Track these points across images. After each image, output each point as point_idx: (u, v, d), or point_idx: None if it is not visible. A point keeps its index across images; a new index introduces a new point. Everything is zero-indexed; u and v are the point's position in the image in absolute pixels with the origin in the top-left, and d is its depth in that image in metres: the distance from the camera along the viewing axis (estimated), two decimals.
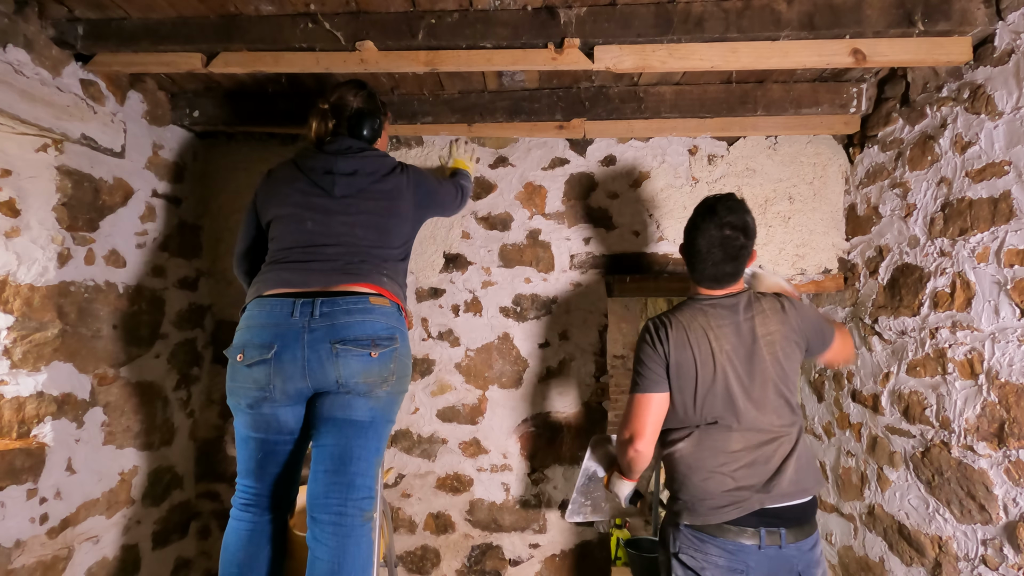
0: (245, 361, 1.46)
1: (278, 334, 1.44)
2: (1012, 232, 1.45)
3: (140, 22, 1.68)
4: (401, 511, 2.31)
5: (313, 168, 1.63)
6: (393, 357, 1.50)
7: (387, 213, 1.64)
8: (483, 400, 2.30)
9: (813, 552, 1.44)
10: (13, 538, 1.59)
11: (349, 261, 1.55)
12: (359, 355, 1.45)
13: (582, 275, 2.29)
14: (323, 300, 1.46)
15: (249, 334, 1.47)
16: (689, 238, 1.53)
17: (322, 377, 1.45)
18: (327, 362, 1.43)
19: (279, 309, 1.46)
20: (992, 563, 1.48)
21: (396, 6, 1.62)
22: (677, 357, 1.45)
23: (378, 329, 1.49)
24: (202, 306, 2.36)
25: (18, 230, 1.67)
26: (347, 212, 1.59)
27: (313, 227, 1.58)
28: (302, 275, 1.52)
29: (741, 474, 1.42)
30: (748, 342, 1.45)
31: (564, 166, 2.30)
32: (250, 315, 1.51)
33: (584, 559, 2.27)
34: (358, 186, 1.62)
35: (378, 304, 1.51)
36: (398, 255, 1.67)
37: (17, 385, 1.67)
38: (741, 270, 1.51)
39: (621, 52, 1.68)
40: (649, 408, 1.47)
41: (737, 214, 1.46)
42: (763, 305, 1.49)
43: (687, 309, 1.51)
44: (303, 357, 1.43)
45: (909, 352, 1.79)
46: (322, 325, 1.44)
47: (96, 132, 1.81)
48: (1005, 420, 1.45)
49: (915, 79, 1.82)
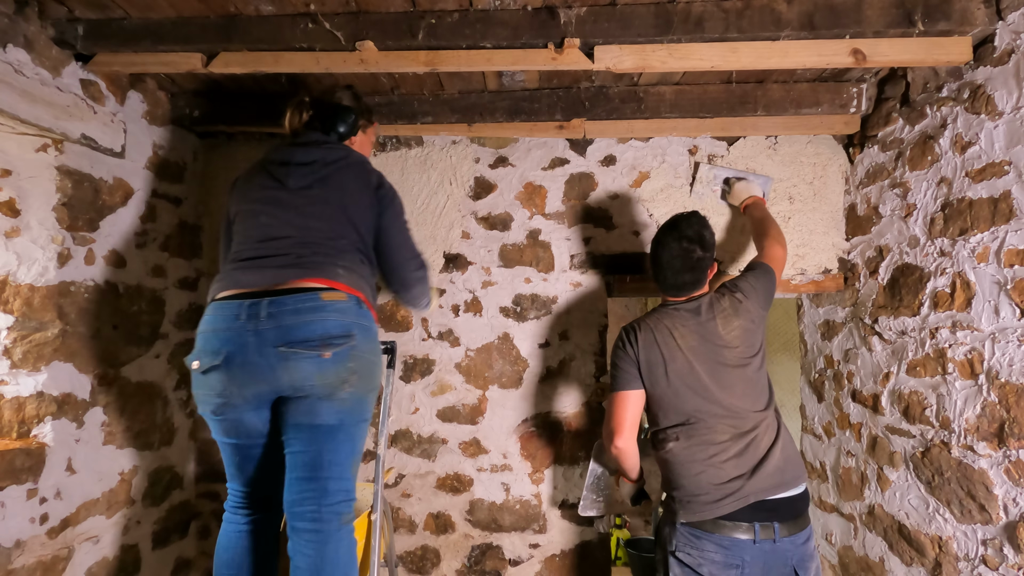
0: (200, 368, 1.41)
1: (227, 339, 1.38)
2: (1012, 232, 1.45)
3: (140, 22, 1.68)
4: (401, 511, 2.31)
5: (272, 160, 1.59)
6: (350, 356, 1.42)
7: (346, 203, 1.55)
8: (483, 400, 2.30)
9: (807, 546, 1.50)
10: (13, 538, 1.59)
11: (301, 254, 1.47)
12: (310, 357, 1.36)
13: (582, 275, 2.29)
14: (270, 300, 1.38)
15: (203, 340, 1.43)
16: (654, 252, 1.67)
17: (276, 382, 1.39)
18: (278, 367, 1.37)
19: (228, 312, 1.40)
20: (992, 563, 1.47)
21: (396, 6, 1.62)
22: (647, 356, 1.58)
23: (330, 328, 1.39)
24: (202, 306, 2.33)
25: (18, 230, 1.67)
26: (301, 202, 1.53)
27: (266, 220, 1.53)
28: (253, 274, 1.46)
29: (731, 465, 1.49)
30: (712, 339, 1.57)
31: (564, 166, 2.30)
32: (204, 320, 1.46)
33: (584, 559, 2.27)
34: (316, 175, 1.55)
35: (331, 300, 1.41)
36: (358, 245, 1.57)
37: (17, 385, 1.66)
38: (701, 279, 1.64)
39: (621, 52, 1.68)
40: (625, 405, 1.58)
41: (695, 228, 1.61)
42: (724, 304, 1.62)
43: (655, 314, 1.65)
44: (253, 362, 1.37)
45: (909, 352, 1.79)
46: (269, 327, 1.37)
47: (96, 132, 1.81)
48: (1005, 420, 1.45)
49: (915, 79, 1.82)
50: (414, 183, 2.32)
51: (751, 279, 1.70)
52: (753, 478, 1.46)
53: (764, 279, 1.71)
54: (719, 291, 1.67)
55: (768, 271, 1.73)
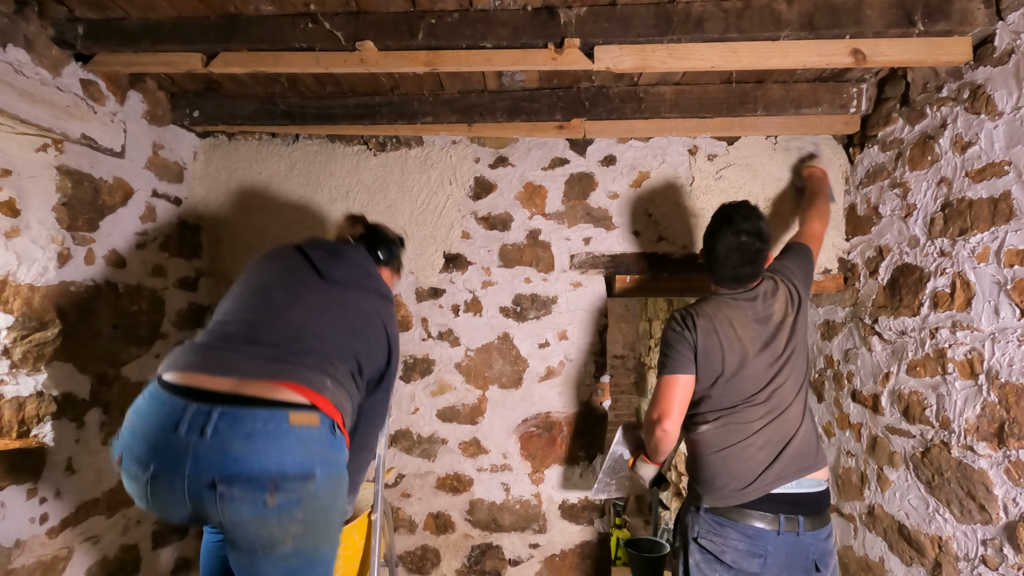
0: (123, 469, 1.16)
1: (157, 450, 1.11)
2: (1012, 232, 1.45)
3: (140, 22, 1.68)
4: (401, 511, 2.31)
5: (316, 248, 1.46)
6: (301, 505, 1.13)
7: (367, 319, 1.41)
8: (483, 400, 2.30)
9: (828, 542, 1.51)
10: (13, 538, 1.59)
11: (293, 350, 1.24)
12: (249, 501, 1.08)
13: (582, 275, 2.29)
14: (222, 413, 1.11)
15: (130, 435, 1.16)
16: (708, 244, 1.64)
17: (206, 518, 1.13)
18: (208, 502, 1.09)
19: (166, 413, 1.12)
20: (992, 563, 1.47)
21: (396, 6, 1.62)
22: (704, 343, 1.54)
23: (286, 464, 1.11)
24: (202, 306, 2.36)
25: (18, 230, 1.67)
26: (329, 297, 1.36)
27: (278, 298, 1.33)
28: (223, 356, 1.21)
29: (760, 449, 1.50)
30: (769, 329, 1.56)
31: (564, 166, 2.30)
32: (140, 401, 1.19)
33: (584, 559, 2.27)
34: (359, 282, 1.42)
35: (299, 425, 1.14)
36: (355, 369, 1.36)
37: (17, 385, 1.67)
38: (759, 271, 1.60)
39: (621, 52, 1.68)
40: (677, 388, 1.54)
41: (752, 221, 1.57)
42: (778, 293, 1.61)
43: (712, 301, 1.61)
44: (182, 488, 1.09)
45: (909, 352, 1.79)
46: (210, 449, 1.08)
47: (96, 132, 1.81)
48: (1005, 420, 1.45)
49: (915, 79, 1.82)
50: (414, 183, 2.32)
51: (788, 261, 1.71)
52: (777, 462, 1.47)
53: (801, 259, 1.73)
54: (772, 280, 1.65)
55: (804, 250, 1.76)
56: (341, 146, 2.34)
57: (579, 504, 2.29)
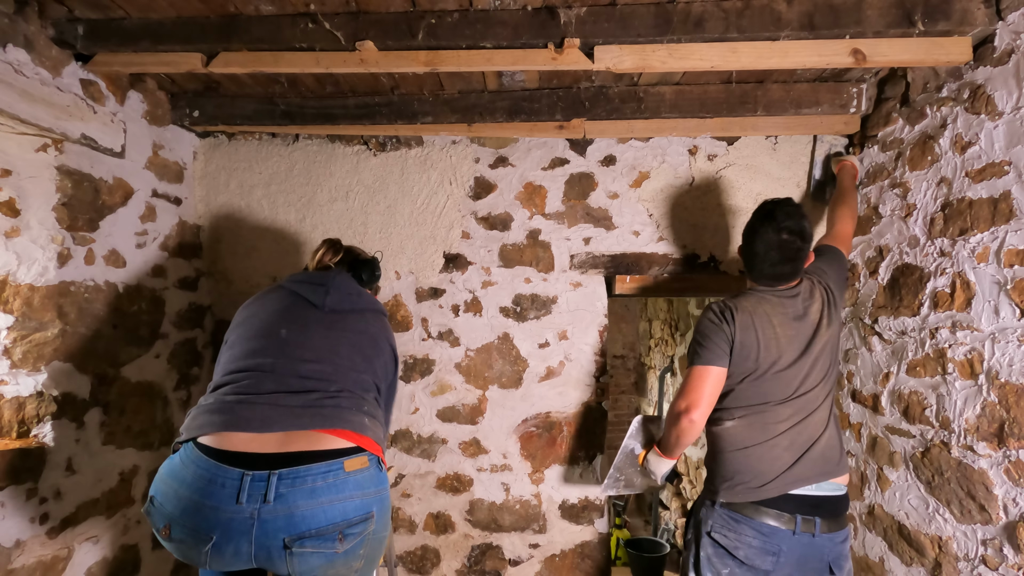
0: (172, 538, 1.16)
1: (219, 523, 1.11)
2: (1012, 232, 1.45)
3: (140, 22, 1.68)
4: (401, 511, 2.31)
5: (301, 282, 1.46)
6: (365, 543, 1.21)
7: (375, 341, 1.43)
8: (483, 400, 2.30)
9: (844, 545, 1.51)
10: (13, 538, 1.59)
11: (326, 391, 1.26)
12: (320, 553, 1.14)
13: (582, 275, 2.29)
14: (281, 475, 1.13)
15: (177, 507, 1.14)
16: (748, 241, 1.62)
17: (274, 569, 1.18)
18: (277, 559, 1.14)
19: (220, 484, 1.12)
20: (992, 563, 1.47)
21: (396, 6, 1.62)
22: (742, 338, 1.52)
23: (350, 512, 1.18)
24: (202, 306, 2.35)
25: (18, 230, 1.67)
26: (333, 327, 1.36)
27: (288, 336, 1.32)
28: (259, 413, 1.19)
29: (784, 449, 1.48)
30: (806, 330, 1.55)
31: (564, 166, 2.30)
32: (179, 468, 1.17)
33: (584, 559, 2.27)
34: (353, 303, 1.44)
35: (354, 471, 1.20)
36: (378, 385, 1.42)
37: (17, 385, 1.67)
38: (799, 269, 1.59)
39: (621, 52, 1.68)
40: (708, 379, 1.51)
41: (794, 219, 1.55)
42: (815, 295, 1.60)
43: (751, 297, 1.59)
44: (248, 552, 1.13)
45: (909, 352, 1.79)
46: (276, 514, 1.12)
47: (96, 132, 1.81)
48: (1005, 420, 1.45)
49: (915, 79, 1.82)
50: (414, 183, 2.32)
51: (823, 264, 1.70)
52: (799, 464, 1.47)
53: (835, 263, 1.72)
54: (810, 281, 1.65)
55: (837, 254, 1.76)
56: (341, 146, 2.34)
57: (579, 504, 2.29)
